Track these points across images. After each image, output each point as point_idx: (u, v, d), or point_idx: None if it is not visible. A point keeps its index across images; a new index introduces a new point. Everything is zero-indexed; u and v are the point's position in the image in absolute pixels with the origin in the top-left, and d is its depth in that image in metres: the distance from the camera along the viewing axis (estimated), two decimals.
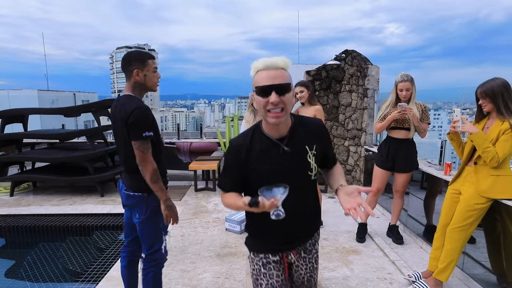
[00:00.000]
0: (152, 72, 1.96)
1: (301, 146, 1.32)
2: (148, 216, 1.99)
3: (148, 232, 2.03)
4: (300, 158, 1.31)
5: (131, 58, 1.93)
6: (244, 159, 1.32)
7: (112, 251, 3.47)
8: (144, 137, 1.85)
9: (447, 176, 3.07)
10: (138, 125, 1.84)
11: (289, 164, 1.30)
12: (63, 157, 5.26)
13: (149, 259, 2.05)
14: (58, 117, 6.20)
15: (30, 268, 3.45)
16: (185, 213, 4.40)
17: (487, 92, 2.23)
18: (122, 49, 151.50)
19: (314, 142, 1.34)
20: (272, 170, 1.29)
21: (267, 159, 1.30)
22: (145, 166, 1.87)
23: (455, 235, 2.38)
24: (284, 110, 1.21)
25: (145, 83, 1.95)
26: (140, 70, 1.92)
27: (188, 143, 6.17)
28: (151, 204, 1.98)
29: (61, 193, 5.43)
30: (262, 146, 1.30)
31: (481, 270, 2.60)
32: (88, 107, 5.64)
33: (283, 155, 1.29)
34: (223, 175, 1.44)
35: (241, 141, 1.34)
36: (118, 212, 4.49)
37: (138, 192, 1.97)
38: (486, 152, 2.21)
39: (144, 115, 1.87)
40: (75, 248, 3.77)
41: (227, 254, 3.23)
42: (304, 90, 3.56)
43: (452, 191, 2.52)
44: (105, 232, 4.00)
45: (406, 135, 3.20)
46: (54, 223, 4.12)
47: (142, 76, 1.93)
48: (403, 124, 3.18)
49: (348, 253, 3.24)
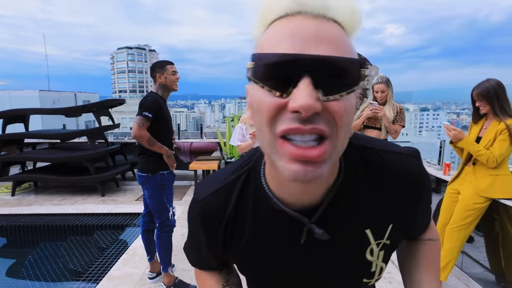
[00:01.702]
0: (171, 74, 2.46)
1: (356, 229, 0.59)
2: (154, 192, 2.46)
3: (157, 205, 2.49)
4: (350, 254, 0.60)
5: (155, 65, 2.47)
6: (220, 246, 0.64)
7: (113, 250, 3.47)
8: (143, 115, 2.31)
9: (446, 176, 3.07)
10: (143, 105, 2.35)
11: (321, 265, 0.60)
12: (64, 157, 5.25)
13: (161, 226, 2.53)
14: (59, 117, 6.20)
15: (32, 267, 3.46)
16: (186, 213, 4.38)
17: (483, 93, 2.23)
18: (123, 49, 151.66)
19: (389, 220, 0.60)
20: (281, 274, 0.63)
21: (272, 251, 0.61)
22: (140, 136, 2.33)
23: (454, 234, 2.38)
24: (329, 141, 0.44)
25: (166, 83, 2.46)
26: (161, 74, 2.44)
27: (189, 143, 6.17)
28: (155, 183, 2.45)
29: (62, 193, 5.43)
30: (263, 224, 0.60)
31: (479, 269, 2.60)
32: (89, 107, 5.64)
33: (309, 246, 0.58)
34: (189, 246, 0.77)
35: (215, 208, 0.62)
36: (118, 211, 4.49)
37: (144, 173, 2.44)
38: (479, 155, 2.22)
39: (151, 100, 2.36)
40: (76, 248, 3.77)
41: None
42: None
43: (451, 190, 2.52)
44: (105, 232, 4.00)
45: (378, 134, 3.18)
46: (55, 223, 4.12)
47: (163, 78, 2.45)
48: (375, 123, 3.18)
49: None
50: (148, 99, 2.39)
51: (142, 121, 2.32)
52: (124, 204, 4.85)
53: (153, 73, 2.47)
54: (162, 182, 2.48)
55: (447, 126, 2.32)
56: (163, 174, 2.50)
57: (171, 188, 2.60)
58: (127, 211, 4.49)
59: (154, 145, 2.39)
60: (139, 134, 2.33)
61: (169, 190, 2.56)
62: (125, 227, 4.09)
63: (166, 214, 2.53)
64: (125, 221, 4.19)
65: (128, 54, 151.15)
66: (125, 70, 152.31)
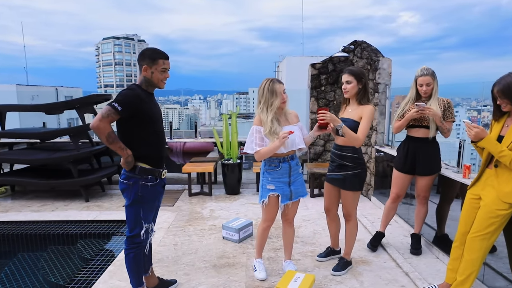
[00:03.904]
0: (160, 71, 2.33)
1: None
2: (131, 203, 2.37)
3: (130, 217, 2.40)
4: None
5: (145, 54, 2.32)
6: None
7: (98, 261, 3.47)
8: (112, 105, 2.18)
9: (466, 179, 3.07)
10: (116, 96, 2.24)
11: None
12: (44, 158, 5.25)
13: (130, 241, 2.43)
14: (38, 115, 6.19)
15: (8, 280, 3.45)
16: (178, 220, 4.40)
17: (504, 91, 2.21)
18: (109, 39, 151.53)
19: None
20: None
21: None
22: (99, 128, 2.16)
23: (476, 244, 2.37)
24: None
25: (151, 79, 2.34)
26: (149, 67, 2.30)
27: (181, 143, 6.17)
28: (135, 192, 2.34)
29: (42, 198, 5.42)
30: None
31: (503, 282, 2.60)
32: (71, 104, 5.63)
33: None
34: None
35: None
36: (104, 218, 4.49)
37: (125, 180, 2.35)
38: (502, 156, 2.21)
39: (127, 94, 2.25)
40: (57, 259, 3.77)
41: (224, 265, 3.23)
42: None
43: (472, 196, 2.51)
44: (90, 241, 4.00)
45: (426, 133, 3.18)
46: (34, 231, 4.12)
47: (149, 73, 2.32)
48: (422, 122, 3.17)
49: (357, 264, 3.23)
50: (125, 92, 2.28)
51: (107, 112, 2.17)
52: (110, 210, 4.85)
53: (141, 62, 2.33)
54: (142, 193, 2.36)
55: (467, 124, 2.32)
56: (146, 186, 2.36)
57: (153, 204, 2.49)
58: (114, 218, 4.49)
59: (114, 143, 2.23)
60: (97, 125, 2.15)
61: (149, 205, 2.44)
62: (112, 235, 4.09)
63: (138, 230, 2.41)
64: (112, 229, 4.19)
65: (115, 45, 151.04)
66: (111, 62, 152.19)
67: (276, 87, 2.64)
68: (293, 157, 2.79)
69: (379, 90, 4.94)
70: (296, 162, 2.83)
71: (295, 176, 2.81)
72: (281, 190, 2.76)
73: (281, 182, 2.76)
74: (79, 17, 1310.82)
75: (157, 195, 2.50)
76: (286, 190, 2.78)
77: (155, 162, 2.42)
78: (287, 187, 2.78)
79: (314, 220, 4.32)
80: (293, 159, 2.79)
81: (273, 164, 2.75)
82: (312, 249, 3.55)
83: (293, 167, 2.78)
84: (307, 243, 3.71)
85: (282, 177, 2.76)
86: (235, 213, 4.65)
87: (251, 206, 4.96)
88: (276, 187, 2.76)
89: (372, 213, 4.65)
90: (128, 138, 2.33)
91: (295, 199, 2.84)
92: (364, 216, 4.46)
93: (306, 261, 3.30)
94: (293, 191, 2.81)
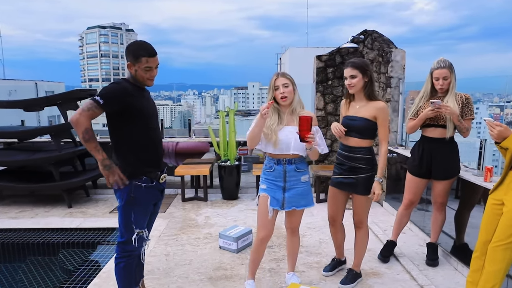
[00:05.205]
0: (144, 69, 2.31)
1: None
2: (124, 204, 2.38)
3: (121, 220, 2.41)
4: None
5: (129, 49, 2.34)
6: None
7: (82, 273, 3.46)
8: (94, 99, 2.21)
9: (487, 182, 3.06)
10: (101, 90, 2.28)
11: None
12: (22, 159, 5.25)
13: (121, 249, 2.43)
14: (16, 112, 6.19)
15: None
16: (170, 228, 4.40)
17: None
18: (94, 29, 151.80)
19: None
20: None
21: None
22: (77, 122, 2.17)
23: (498, 254, 2.37)
24: None
25: (135, 77, 2.35)
26: (132, 64, 2.31)
27: (174, 143, 6.17)
28: (127, 193, 2.35)
29: (20, 204, 5.41)
30: None
31: None
32: (53, 100, 5.62)
33: None
34: None
35: None
36: (88, 226, 4.49)
37: None
38: None
39: (113, 88, 2.31)
40: (37, 270, 3.77)
41: (220, 277, 3.23)
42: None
43: (494, 201, 2.50)
44: (73, 251, 4.00)
45: (443, 133, 3.15)
46: (11, 240, 4.12)
47: (133, 70, 2.33)
48: (438, 121, 3.14)
49: (367, 276, 3.23)
50: (109, 86, 2.33)
51: (89, 105, 2.20)
52: (95, 217, 4.85)
53: (126, 57, 2.37)
54: (134, 194, 2.36)
55: (489, 123, 2.31)
56: (139, 186, 2.37)
57: (146, 208, 2.49)
58: (99, 226, 4.49)
59: (90, 142, 2.22)
60: (76, 119, 2.17)
61: (142, 209, 2.44)
62: (97, 245, 4.09)
63: (129, 236, 2.40)
64: (97, 238, 4.19)
65: (101, 35, 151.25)
66: (97, 54, 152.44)
67: (272, 80, 2.70)
68: (291, 162, 2.71)
69: (391, 85, 4.93)
70: (296, 168, 2.72)
71: (292, 183, 2.73)
72: (272, 192, 2.73)
73: (274, 185, 2.74)
74: (62, 4, 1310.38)
75: (152, 198, 2.50)
76: (278, 195, 2.73)
77: (151, 161, 2.44)
78: (280, 193, 2.73)
79: (320, 228, 4.32)
80: (292, 164, 2.71)
81: (268, 164, 2.76)
82: (317, 260, 3.55)
83: (288, 172, 2.71)
84: (312, 253, 3.71)
85: (275, 180, 2.73)
86: (233, 220, 4.64)
87: (250, 213, 4.95)
88: (267, 187, 2.75)
89: (384, 220, 4.65)
90: (120, 137, 2.36)
91: (287, 209, 2.76)
92: (375, 223, 4.46)
93: (311, 273, 3.30)
94: (287, 199, 2.73)
